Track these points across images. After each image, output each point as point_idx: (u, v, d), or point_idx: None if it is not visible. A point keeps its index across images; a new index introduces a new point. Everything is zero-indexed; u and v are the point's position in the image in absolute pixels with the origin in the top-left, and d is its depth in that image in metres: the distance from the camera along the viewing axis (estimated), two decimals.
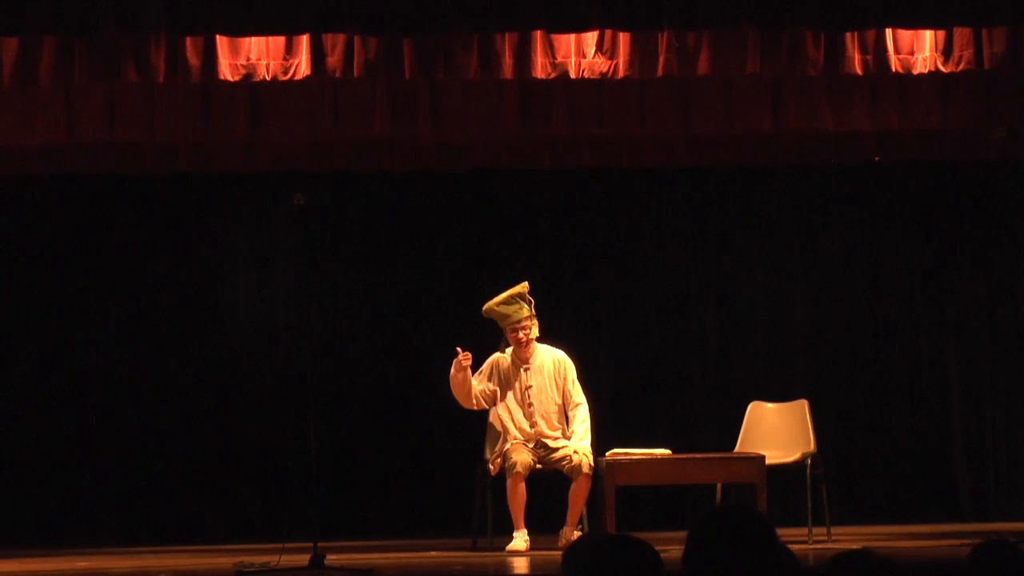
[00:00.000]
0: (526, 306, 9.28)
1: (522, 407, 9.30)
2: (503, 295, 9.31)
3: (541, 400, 9.30)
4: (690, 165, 10.98)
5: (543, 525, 9.28)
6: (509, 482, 9.12)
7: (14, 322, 11.12)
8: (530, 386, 9.31)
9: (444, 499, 10.78)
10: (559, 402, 9.33)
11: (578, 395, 9.35)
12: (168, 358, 11.20)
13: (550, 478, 9.30)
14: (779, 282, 11.64)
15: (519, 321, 9.27)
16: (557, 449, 9.22)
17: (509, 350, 9.37)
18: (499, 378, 9.35)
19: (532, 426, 9.28)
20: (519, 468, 9.09)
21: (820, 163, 11.07)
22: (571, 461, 9.10)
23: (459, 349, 9.25)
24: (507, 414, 9.29)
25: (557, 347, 9.43)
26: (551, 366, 9.35)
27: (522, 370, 9.33)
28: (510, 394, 9.32)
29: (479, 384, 9.32)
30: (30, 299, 11.15)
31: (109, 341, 11.17)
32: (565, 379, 9.35)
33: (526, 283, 9.33)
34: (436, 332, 11.41)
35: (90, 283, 11.20)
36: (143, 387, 11.14)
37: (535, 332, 9.32)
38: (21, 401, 11.04)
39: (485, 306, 9.33)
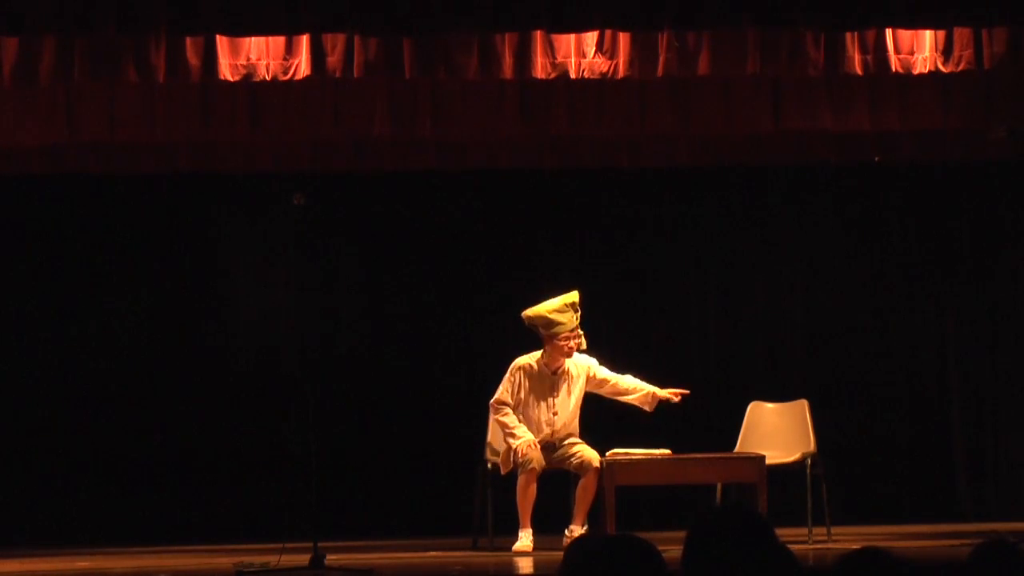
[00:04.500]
0: (577, 315, 9.18)
1: (546, 414, 9.23)
2: (555, 302, 9.15)
3: (564, 409, 9.25)
4: (690, 165, 10.98)
5: (544, 525, 9.27)
6: (522, 479, 9.07)
7: (14, 322, 11.12)
8: (557, 395, 9.26)
9: (444, 499, 10.77)
10: (578, 408, 9.26)
11: (618, 376, 9.30)
12: (168, 358, 11.20)
13: (553, 477, 9.28)
14: (779, 282, 11.64)
15: (573, 330, 9.14)
16: (564, 447, 9.19)
17: (535, 356, 9.28)
18: (525, 385, 9.24)
19: (553, 434, 9.23)
20: (534, 465, 9.05)
21: (820, 163, 11.06)
22: (580, 458, 9.07)
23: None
24: (526, 419, 9.23)
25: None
26: (576, 373, 9.28)
27: (550, 379, 9.25)
28: (536, 401, 9.24)
29: (507, 411, 9.19)
30: (30, 299, 11.14)
31: (109, 341, 11.17)
32: (597, 376, 9.26)
33: (577, 292, 9.22)
34: (436, 332, 11.41)
35: (90, 283, 11.20)
36: (143, 387, 11.14)
37: (584, 344, 9.22)
38: (21, 401, 11.04)
39: (532, 311, 9.15)
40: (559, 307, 9.14)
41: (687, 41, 8.89)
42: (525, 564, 8.63)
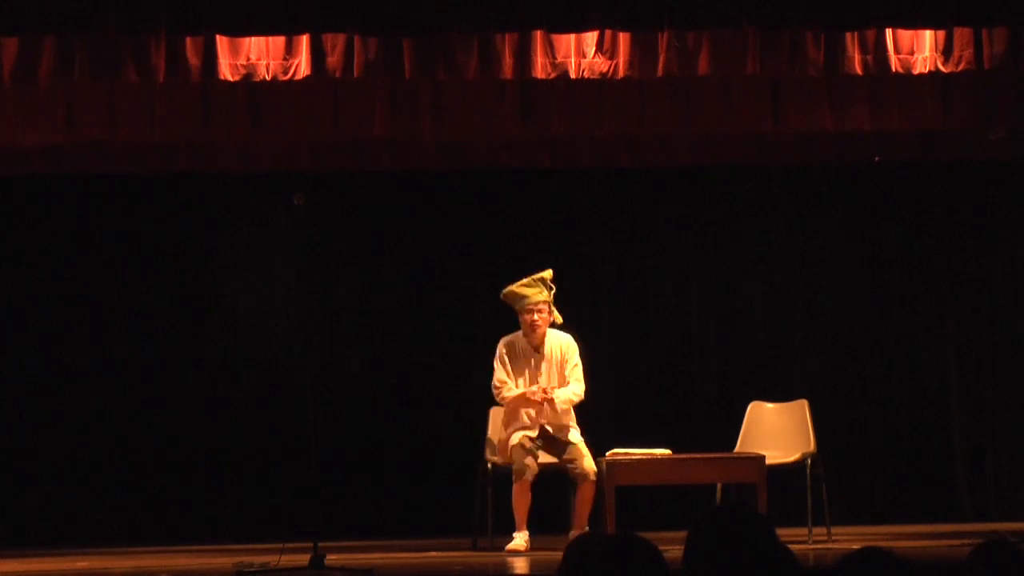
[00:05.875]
0: (545, 291, 9.20)
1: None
2: (527, 279, 9.22)
3: (550, 386, 9.23)
4: (690, 165, 10.98)
5: (543, 525, 9.27)
6: (516, 488, 9.06)
7: (14, 322, 11.12)
8: (540, 373, 9.26)
9: (444, 499, 10.77)
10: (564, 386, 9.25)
11: (576, 376, 9.25)
12: (168, 358, 11.20)
13: (552, 480, 9.28)
14: (779, 282, 11.64)
15: (536, 303, 9.17)
16: (564, 448, 9.17)
17: (518, 333, 9.30)
18: (511, 361, 9.27)
19: (541, 411, 9.23)
20: (528, 475, 9.04)
21: (820, 163, 11.06)
22: (577, 467, 9.06)
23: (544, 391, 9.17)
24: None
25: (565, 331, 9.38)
26: (559, 351, 9.30)
27: (533, 355, 9.28)
28: (521, 377, 9.25)
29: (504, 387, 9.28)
30: (30, 299, 11.14)
31: (109, 341, 11.17)
32: (565, 360, 9.27)
33: (551, 270, 9.26)
34: (436, 331, 11.41)
35: (90, 283, 11.20)
36: (143, 387, 11.14)
37: (553, 318, 9.22)
38: (22, 401, 11.04)
39: (507, 288, 9.25)
40: (527, 282, 9.22)
41: (687, 41, 8.89)
42: (521, 565, 8.63)
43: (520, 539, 9.05)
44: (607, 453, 9.11)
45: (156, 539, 10.36)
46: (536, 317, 9.21)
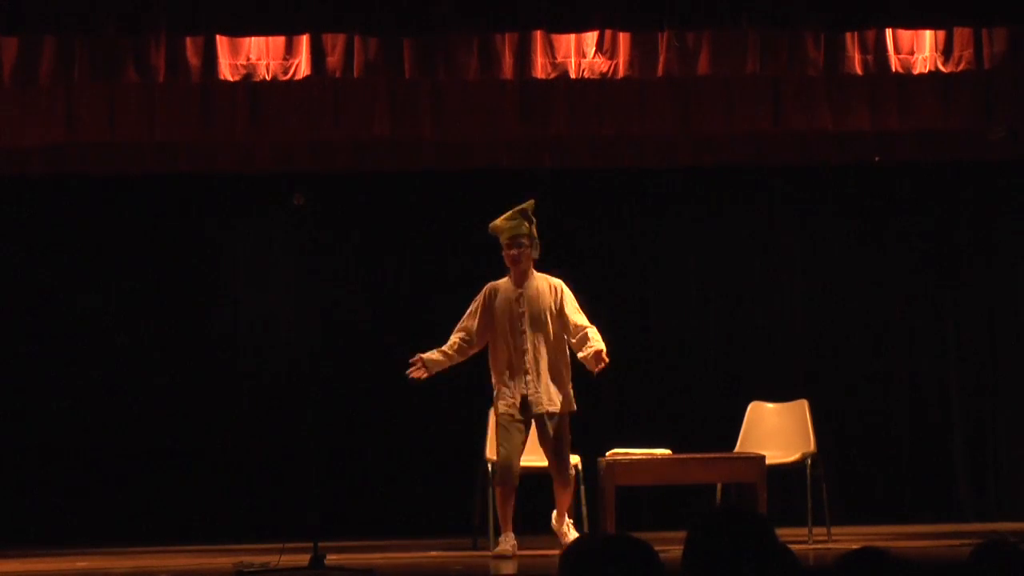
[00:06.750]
0: (526, 223, 8.87)
1: (513, 335, 8.85)
2: (509, 211, 8.87)
3: (534, 329, 8.84)
4: (690, 165, 10.98)
5: (537, 527, 9.24)
6: (499, 494, 8.80)
7: (14, 322, 11.12)
8: (523, 312, 8.86)
9: (444, 499, 10.77)
10: (553, 332, 8.85)
11: (582, 320, 8.85)
12: (168, 358, 11.20)
13: (545, 479, 9.28)
14: (779, 282, 11.64)
15: (514, 237, 8.84)
16: (545, 425, 8.99)
17: (505, 279, 8.96)
18: (491, 305, 8.91)
19: (523, 354, 8.82)
20: (510, 480, 8.75)
21: (820, 163, 11.07)
22: (552, 466, 8.87)
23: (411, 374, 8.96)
24: (494, 344, 8.90)
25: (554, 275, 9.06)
26: (547, 293, 8.89)
27: (515, 295, 8.89)
28: (503, 320, 8.86)
29: (457, 333, 8.97)
30: (30, 299, 11.15)
31: (109, 341, 11.17)
32: (563, 305, 8.88)
33: (533, 200, 8.93)
34: (435, 331, 11.40)
35: (90, 283, 11.20)
36: (143, 387, 11.14)
37: (533, 254, 8.86)
38: (21, 401, 11.04)
39: (491, 223, 8.92)
40: (509, 214, 8.88)
41: (687, 41, 8.90)
42: (523, 564, 8.61)
43: (506, 543, 8.74)
44: (607, 453, 9.10)
45: (156, 539, 10.36)
46: (515, 252, 8.85)
